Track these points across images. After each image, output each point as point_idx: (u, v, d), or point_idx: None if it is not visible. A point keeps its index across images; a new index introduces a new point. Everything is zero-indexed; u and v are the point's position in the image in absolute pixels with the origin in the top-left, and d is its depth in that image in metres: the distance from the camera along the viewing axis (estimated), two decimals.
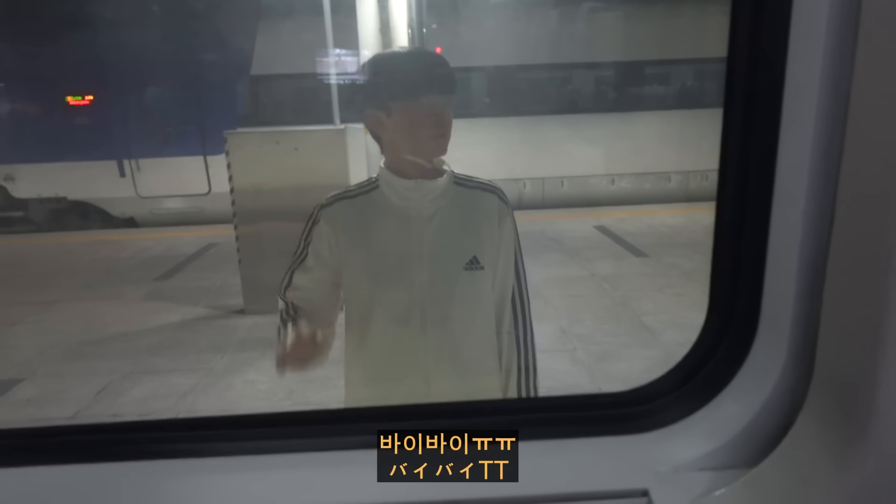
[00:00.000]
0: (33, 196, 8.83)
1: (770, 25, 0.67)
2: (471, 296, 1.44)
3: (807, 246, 0.69)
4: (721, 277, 0.83)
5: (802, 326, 0.71)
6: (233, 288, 5.39)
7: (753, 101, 0.71)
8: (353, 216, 1.42)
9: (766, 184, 0.71)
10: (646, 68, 9.18)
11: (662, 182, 9.15)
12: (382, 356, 1.46)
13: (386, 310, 1.42)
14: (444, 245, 1.41)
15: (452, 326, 1.44)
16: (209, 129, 8.23)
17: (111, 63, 8.38)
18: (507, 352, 1.52)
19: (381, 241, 1.41)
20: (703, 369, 0.84)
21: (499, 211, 1.46)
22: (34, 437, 0.89)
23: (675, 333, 4.46)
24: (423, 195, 1.40)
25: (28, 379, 4.10)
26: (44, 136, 8.68)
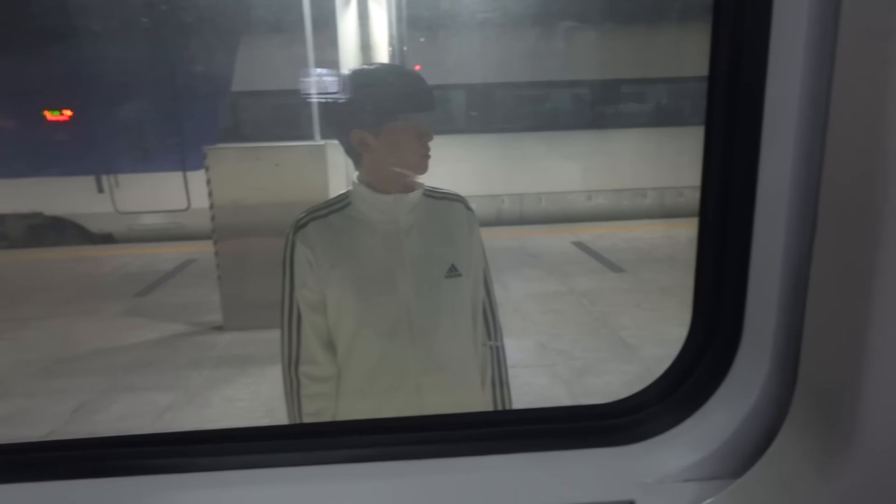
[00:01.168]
0: (9, 211, 8.71)
1: (750, 40, 0.68)
2: (454, 303, 1.47)
3: (789, 256, 0.70)
4: (704, 288, 0.83)
5: (786, 336, 0.72)
6: (212, 304, 5.35)
7: (735, 113, 0.72)
8: (329, 235, 1.41)
9: (748, 195, 0.72)
10: (622, 86, 9.35)
11: (638, 198, 9.29)
12: (372, 370, 1.46)
13: (373, 324, 1.43)
14: (424, 255, 1.44)
15: (439, 335, 1.45)
16: (189, 145, 8.20)
17: (90, 78, 8.33)
18: (481, 363, 1.54)
19: (362, 256, 1.42)
20: (688, 380, 0.84)
21: (468, 219, 1.50)
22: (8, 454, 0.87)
23: (653, 348, 4.52)
24: (400, 208, 1.42)
25: (1, 397, 4.03)
26: (20, 150, 8.59)
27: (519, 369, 4.25)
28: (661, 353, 4.40)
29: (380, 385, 1.46)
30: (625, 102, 9.48)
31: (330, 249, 1.41)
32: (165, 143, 8.50)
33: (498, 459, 0.82)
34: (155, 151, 8.54)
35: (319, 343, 1.45)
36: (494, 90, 9.14)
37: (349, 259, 1.41)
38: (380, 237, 1.42)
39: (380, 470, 0.81)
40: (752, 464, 0.73)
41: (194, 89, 8.60)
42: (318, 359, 1.45)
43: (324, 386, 1.47)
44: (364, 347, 1.45)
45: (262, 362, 4.41)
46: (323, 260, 1.40)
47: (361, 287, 1.41)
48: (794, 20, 0.64)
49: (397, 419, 0.95)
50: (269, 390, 4.02)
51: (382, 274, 1.42)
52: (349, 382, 1.48)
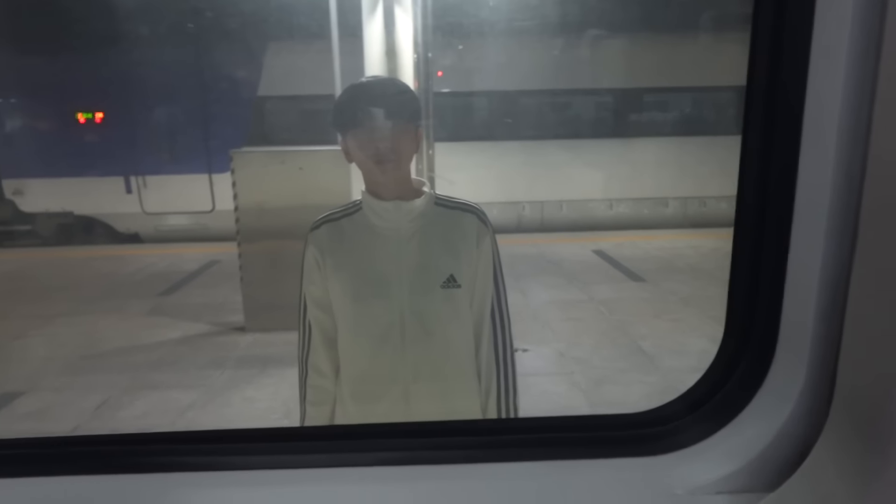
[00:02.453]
0: (41, 210, 8.91)
1: (790, 46, 0.68)
2: (448, 313, 1.47)
3: (828, 265, 0.68)
4: (738, 298, 0.81)
5: (822, 348, 0.70)
6: (234, 305, 5.42)
7: (773, 120, 0.72)
8: (337, 238, 1.48)
9: (785, 202, 0.71)
10: (645, 95, 9.31)
11: (660, 207, 9.22)
12: (364, 374, 1.51)
13: (367, 328, 1.47)
14: (422, 264, 1.45)
15: (431, 344, 1.47)
16: (215, 148, 8.33)
17: (122, 81, 8.51)
18: (486, 371, 1.53)
19: (362, 261, 1.47)
20: (721, 391, 0.83)
21: (477, 230, 1.49)
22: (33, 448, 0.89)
23: (673, 359, 4.48)
24: (401, 216, 1.44)
25: (28, 392, 4.11)
26: (53, 151, 8.81)
27: (537, 377, 4.24)
28: (682, 365, 4.36)
29: (369, 389, 1.51)
30: (649, 111, 9.42)
31: (336, 251, 1.47)
32: (192, 146, 8.64)
33: (520, 467, 0.81)
34: (182, 154, 8.69)
35: (322, 338, 1.53)
36: (519, 97, 9.15)
37: (351, 262, 1.47)
38: (382, 243, 1.46)
39: (398, 474, 0.81)
40: (786, 478, 0.72)
41: (221, 93, 8.75)
42: (321, 353, 1.54)
43: (325, 380, 1.54)
44: (357, 350, 1.50)
45: (282, 364, 4.45)
46: (328, 261, 1.47)
47: (359, 290, 1.46)
48: (837, 26, 0.63)
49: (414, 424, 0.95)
50: (288, 392, 4.05)
51: (380, 279, 1.45)
52: (342, 383, 1.54)
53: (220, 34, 8.86)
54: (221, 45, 8.85)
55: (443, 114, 7.85)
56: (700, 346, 4.61)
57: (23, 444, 0.89)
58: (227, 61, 8.86)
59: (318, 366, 1.54)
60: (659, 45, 8.94)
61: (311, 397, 1.56)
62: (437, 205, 1.49)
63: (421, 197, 1.47)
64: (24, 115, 9.06)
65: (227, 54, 8.87)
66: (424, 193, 1.48)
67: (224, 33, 8.89)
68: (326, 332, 1.53)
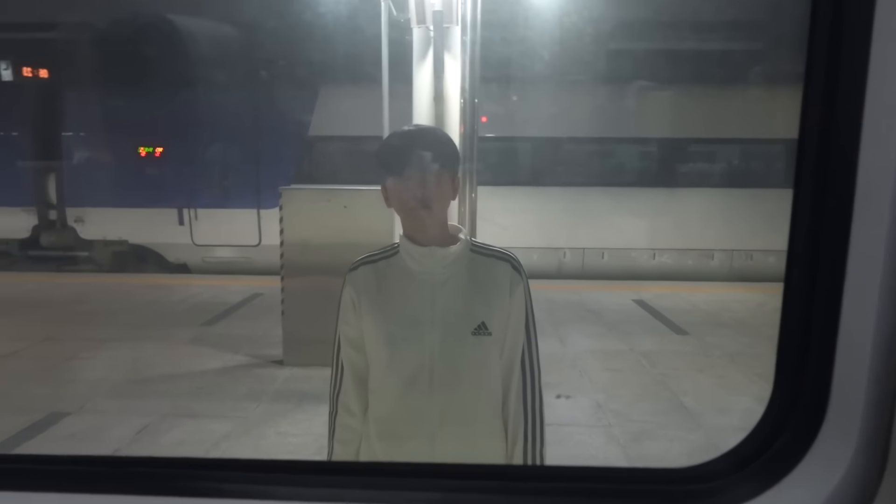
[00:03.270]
0: (99, 238, 9.31)
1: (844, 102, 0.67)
2: (477, 360, 1.48)
3: (882, 325, 0.66)
4: (788, 354, 0.79)
5: (876, 411, 0.68)
6: (274, 338, 5.50)
7: (825, 176, 0.71)
8: (373, 279, 1.51)
9: (838, 259, 0.69)
10: (691, 145, 9.24)
11: (705, 259, 9.04)
12: (392, 414, 1.52)
13: (397, 369, 1.49)
14: (454, 309, 1.47)
15: (459, 389, 1.48)
16: (264, 184, 8.61)
17: (181, 118, 8.94)
18: (513, 419, 1.53)
19: (396, 303, 1.50)
20: (768, 451, 0.80)
21: (511, 279, 1.50)
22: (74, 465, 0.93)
23: (717, 417, 4.33)
24: (436, 261, 1.47)
25: (74, 413, 4.23)
26: (114, 182, 9.26)
27: (573, 427, 4.15)
28: (726, 424, 4.21)
29: (396, 429, 1.52)
30: (695, 161, 9.34)
31: (371, 292, 1.51)
32: (243, 182, 8.95)
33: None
34: (233, 189, 9.00)
35: (353, 378, 1.56)
36: (562, 144, 9.20)
37: (385, 304, 1.50)
38: (416, 286, 1.48)
39: None
40: None
41: (273, 132, 9.08)
42: (351, 393, 1.56)
43: (353, 419, 1.57)
44: (386, 390, 1.52)
45: (318, 400, 4.47)
46: (364, 301, 1.51)
47: (391, 332, 1.49)
48: (893, 78, 0.63)
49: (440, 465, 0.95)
50: (321, 428, 4.04)
51: (412, 322, 1.47)
52: (369, 421, 1.56)
53: (273, 77, 9.26)
54: (275, 87, 9.24)
55: (487, 158, 7.94)
56: (745, 404, 4.45)
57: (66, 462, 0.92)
58: (280, 102, 9.23)
59: (348, 405, 1.57)
60: (708, 97, 8.91)
61: (339, 435, 1.58)
62: (472, 251, 1.52)
63: (457, 243, 1.49)
64: (90, 147, 9.57)
65: (280, 96, 9.24)
66: (461, 240, 1.50)
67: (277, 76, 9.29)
68: (358, 371, 1.56)
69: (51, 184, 9.43)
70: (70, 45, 9.24)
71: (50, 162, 9.34)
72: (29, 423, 4.04)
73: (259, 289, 7.73)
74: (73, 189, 9.36)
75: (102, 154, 9.55)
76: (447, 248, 1.48)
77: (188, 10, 9.04)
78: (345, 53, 8.32)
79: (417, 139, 1.49)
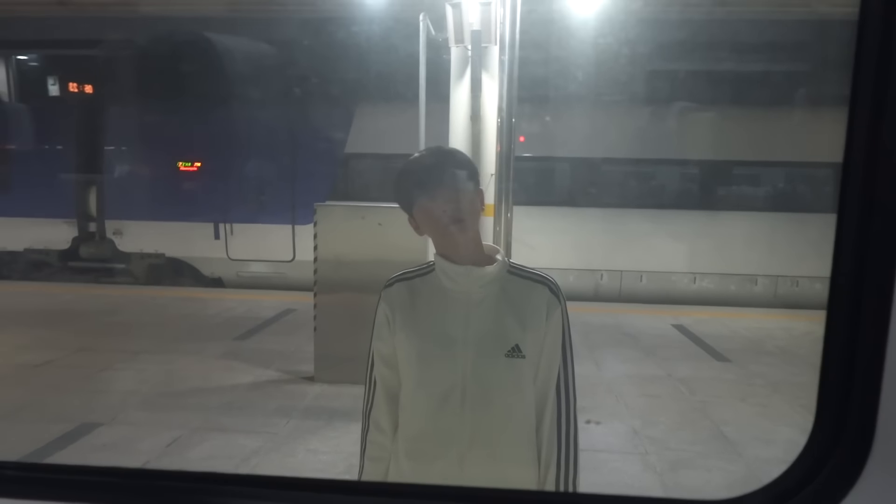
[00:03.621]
0: (136, 250, 9.51)
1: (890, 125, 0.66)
2: (509, 383, 1.46)
3: None
4: (831, 386, 0.76)
5: None
6: (305, 354, 5.50)
7: (872, 201, 0.69)
8: (408, 297, 1.51)
9: (885, 288, 0.67)
10: (735, 168, 9.05)
11: (748, 284, 8.79)
12: (422, 433, 1.51)
13: (428, 388, 1.48)
14: (488, 330, 1.45)
15: (490, 411, 1.46)
16: (299, 201, 8.70)
17: (218, 135, 9.12)
18: (547, 444, 1.50)
19: (429, 321, 1.48)
20: (809, 485, 0.76)
21: (548, 303, 1.48)
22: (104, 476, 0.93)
23: (759, 448, 4.16)
24: (472, 281, 1.46)
25: (107, 424, 4.26)
26: (153, 196, 9.47)
27: (608, 454, 4.02)
28: (768, 455, 4.04)
29: (425, 449, 1.50)
30: (738, 184, 9.14)
31: (405, 310, 1.50)
32: (279, 198, 9.06)
33: None
34: (269, 204, 9.12)
35: (385, 395, 1.55)
36: (601, 165, 9.10)
37: (419, 321, 1.49)
38: (451, 305, 1.47)
39: None
40: None
41: (310, 149, 9.20)
42: (383, 410, 1.56)
43: (384, 437, 1.56)
44: (416, 409, 1.51)
45: (348, 417, 4.43)
46: (398, 318, 1.50)
47: (423, 350, 1.47)
48: None
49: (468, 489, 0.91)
50: (350, 447, 4.01)
51: (445, 341, 1.46)
52: (398, 440, 1.54)
53: (310, 94, 9.41)
54: (311, 104, 9.38)
55: (523, 178, 7.89)
56: (789, 435, 4.27)
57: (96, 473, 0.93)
58: (316, 120, 9.36)
59: (379, 422, 1.56)
60: (754, 119, 8.74)
61: (370, 452, 1.58)
62: (510, 273, 1.50)
63: (494, 264, 1.48)
64: (130, 161, 9.84)
65: (316, 113, 9.38)
66: (498, 261, 1.49)
67: (313, 94, 9.44)
68: (390, 389, 1.55)
69: (91, 196, 9.70)
70: (113, 62, 9.54)
71: (91, 175, 9.61)
72: (62, 433, 4.08)
73: (292, 304, 7.77)
74: (112, 202, 9.60)
75: (142, 168, 9.82)
76: (483, 267, 1.47)
77: (227, 29, 9.28)
78: (382, 72, 8.41)
79: (434, 160, 1.50)
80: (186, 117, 9.18)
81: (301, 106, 9.32)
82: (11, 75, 10.66)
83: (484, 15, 5.37)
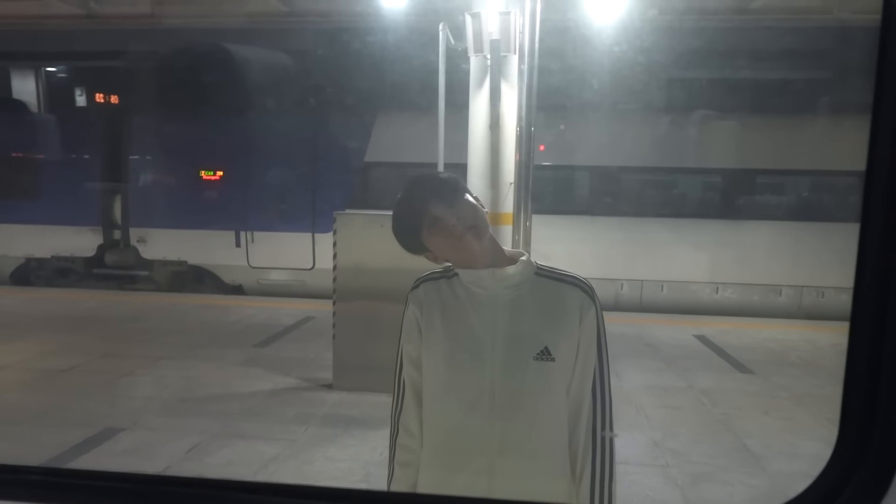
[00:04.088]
0: (159, 258, 9.64)
1: None
2: (539, 387, 1.40)
3: None
4: (855, 398, 0.74)
5: None
6: (324, 362, 5.52)
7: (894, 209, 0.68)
8: (435, 298, 1.47)
9: None
10: (758, 177, 8.94)
11: (772, 295, 8.65)
12: (449, 440, 1.46)
13: (456, 394, 1.43)
14: (516, 333, 1.41)
15: (519, 417, 1.40)
16: (319, 209, 8.76)
17: (240, 144, 9.24)
18: (582, 451, 1.44)
19: (456, 323, 1.44)
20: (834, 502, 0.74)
21: (581, 304, 1.43)
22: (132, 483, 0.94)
23: (783, 462, 4.08)
24: (497, 282, 1.42)
25: (128, 430, 4.31)
26: (175, 204, 9.61)
27: (628, 466, 3.97)
28: (793, 469, 3.96)
29: (453, 456, 1.45)
30: (761, 193, 9.02)
31: (433, 311, 1.46)
32: (299, 206, 9.14)
33: None
34: (289, 213, 9.20)
35: (414, 398, 1.51)
36: (621, 174, 9.04)
37: (446, 323, 1.45)
38: (476, 307, 1.43)
39: None
40: None
41: (330, 158, 9.27)
42: (412, 413, 1.51)
43: (413, 441, 1.51)
44: (443, 415, 1.46)
45: (366, 426, 4.43)
46: (426, 319, 1.47)
47: (450, 353, 1.43)
48: None
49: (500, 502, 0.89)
50: (368, 455, 4.02)
51: (472, 344, 1.42)
52: (425, 447, 1.50)
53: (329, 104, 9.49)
54: (330, 113, 9.46)
55: (542, 186, 7.85)
56: (814, 450, 4.18)
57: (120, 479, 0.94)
58: (336, 129, 9.43)
59: (409, 425, 1.52)
60: (778, 127, 8.63)
61: (399, 457, 1.53)
62: (538, 275, 1.46)
63: (516, 264, 1.44)
64: (153, 170, 10.00)
65: (335, 122, 9.45)
66: (521, 261, 1.45)
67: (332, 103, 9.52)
68: (419, 392, 1.51)
69: (116, 205, 9.86)
70: (138, 73, 9.72)
71: (116, 184, 9.78)
72: (85, 438, 4.13)
73: (312, 312, 7.81)
74: (136, 210, 9.75)
75: (165, 177, 9.97)
76: (505, 268, 1.43)
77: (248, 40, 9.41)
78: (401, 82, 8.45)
79: (416, 188, 1.45)
80: (209, 127, 9.31)
81: (321, 115, 9.40)
82: (40, 86, 10.90)
83: (503, 24, 5.39)
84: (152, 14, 9.58)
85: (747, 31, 8.96)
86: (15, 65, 10.82)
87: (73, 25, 9.97)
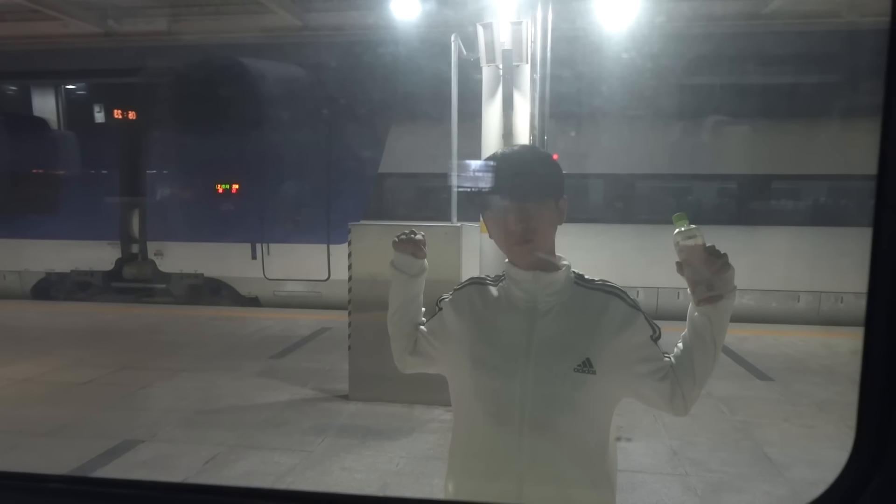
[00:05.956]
0: (176, 271, 9.74)
1: None
2: (577, 401, 1.32)
3: None
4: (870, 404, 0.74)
5: None
6: (340, 373, 5.53)
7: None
8: (477, 300, 1.45)
9: None
10: (774, 182, 8.86)
11: (790, 301, 8.55)
12: (476, 450, 1.41)
13: (485, 403, 1.36)
14: (556, 342, 1.34)
15: (554, 431, 1.33)
16: (334, 220, 8.82)
17: (255, 157, 9.33)
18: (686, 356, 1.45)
19: (493, 328, 1.40)
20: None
21: (623, 316, 1.37)
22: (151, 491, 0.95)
23: (804, 470, 4.02)
24: (540, 287, 1.37)
25: (147, 441, 4.34)
26: (192, 217, 9.72)
27: (645, 475, 3.93)
28: (815, 478, 3.89)
29: (481, 465, 1.40)
30: (777, 199, 8.94)
31: (468, 312, 1.45)
32: (314, 218, 9.20)
33: None
34: (304, 225, 9.27)
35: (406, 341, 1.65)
36: (634, 181, 9.01)
37: (480, 327, 1.41)
38: (515, 313, 1.39)
39: None
40: None
41: (343, 170, 9.33)
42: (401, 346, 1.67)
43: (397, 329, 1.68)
44: (472, 427, 1.42)
45: (382, 436, 4.43)
46: (460, 318, 1.46)
47: (481, 359, 1.37)
48: None
49: None
50: (385, 465, 4.01)
51: (506, 351, 1.36)
52: (452, 455, 1.48)
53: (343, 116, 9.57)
54: (345, 125, 9.54)
55: None
56: (837, 458, 4.06)
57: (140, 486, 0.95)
58: (350, 141, 9.50)
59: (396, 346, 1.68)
60: (789, 132, 8.56)
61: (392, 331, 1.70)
62: (576, 284, 1.41)
63: (560, 270, 1.39)
64: (170, 183, 10.13)
65: (349, 134, 9.53)
66: (563, 267, 1.40)
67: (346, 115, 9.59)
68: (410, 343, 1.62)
69: (134, 219, 10.00)
70: (154, 89, 9.88)
71: (134, 198, 9.92)
72: (104, 449, 4.17)
73: (327, 323, 7.84)
74: (153, 224, 9.87)
75: (182, 191, 10.09)
76: (551, 273, 1.38)
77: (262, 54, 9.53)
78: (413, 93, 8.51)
79: (513, 164, 1.37)
80: (225, 141, 9.42)
81: (335, 127, 9.48)
82: (60, 104, 11.11)
83: (515, 34, 5.40)
84: (169, 31, 9.74)
85: (756, 36, 8.92)
86: (35, 83, 11.05)
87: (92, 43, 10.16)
